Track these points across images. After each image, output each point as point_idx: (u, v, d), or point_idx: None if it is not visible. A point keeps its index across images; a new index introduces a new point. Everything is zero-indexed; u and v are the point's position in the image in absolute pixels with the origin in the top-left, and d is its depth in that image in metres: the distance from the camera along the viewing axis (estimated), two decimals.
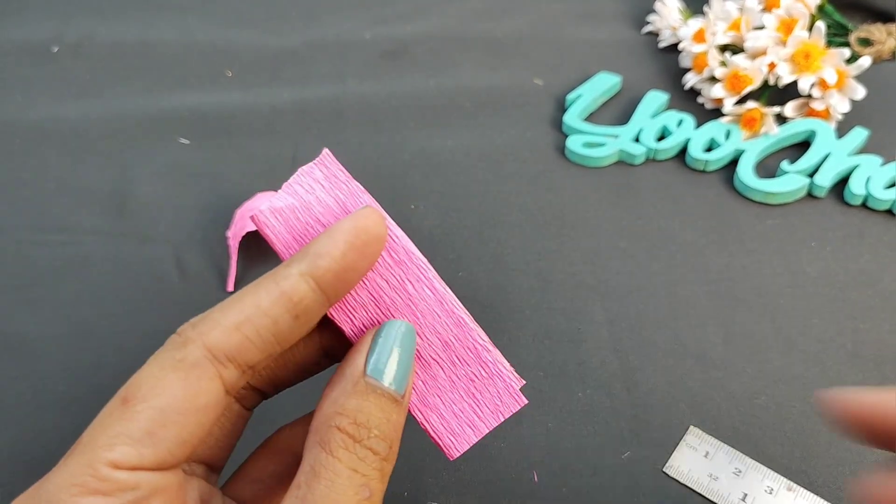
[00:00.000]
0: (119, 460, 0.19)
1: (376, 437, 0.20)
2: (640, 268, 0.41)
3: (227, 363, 0.20)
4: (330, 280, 0.21)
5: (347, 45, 0.57)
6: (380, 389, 0.21)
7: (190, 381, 0.20)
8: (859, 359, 0.36)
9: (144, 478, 0.19)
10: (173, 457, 0.20)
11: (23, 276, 0.41)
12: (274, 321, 0.20)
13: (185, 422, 0.19)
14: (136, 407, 0.20)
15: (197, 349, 0.20)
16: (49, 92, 0.53)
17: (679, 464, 0.33)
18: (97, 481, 0.19)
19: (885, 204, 0.43)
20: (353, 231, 0.21)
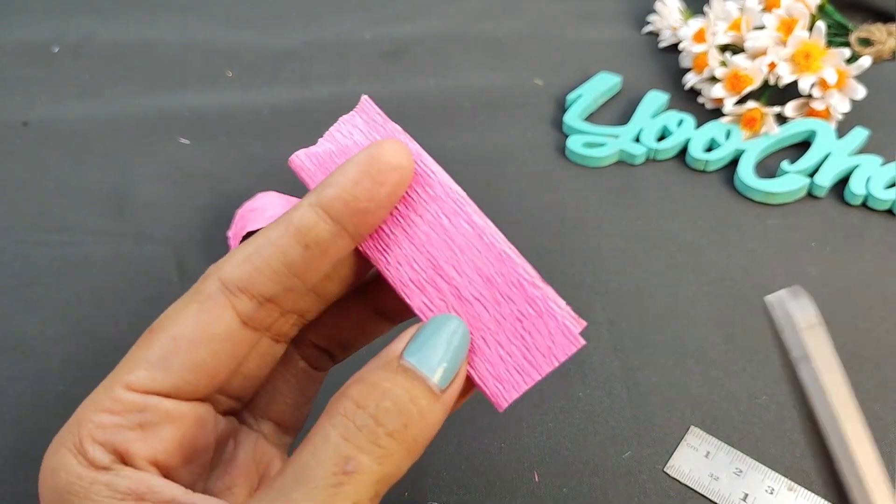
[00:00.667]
0: (133, 382, 0.20)
1: (386, 409, 0.18)
2: (640, 268, 0.41)
3: (239, 293, 0.21)
4: (340, 209, 0.21)
5: (347, 45, 0.57)
6: (413, 373, 0.19)
7: (203, 312, 0.21)
8: (859, 359, 0.36)
9: (154, 402, 0.20)
10: (186, 383, 0.20)
11: (23, 276, 0.41)
12: (283, 251, 0.21)
13: (196, 349, 0.20)
14: (156, 335, 0.21)
15: (212, 282, 0.21)
16: (49, 92, 0.53)
17: (680, 464, 0.33)
18: (111, 400, 0.20)
19: (885, 204, 0.43)
20: (366, 160, 0.21)
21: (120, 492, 0.19)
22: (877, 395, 0.35)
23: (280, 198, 0.43)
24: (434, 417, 0.19)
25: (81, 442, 0.19)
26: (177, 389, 0.20)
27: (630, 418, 0.35)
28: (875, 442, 0.33)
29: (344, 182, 0.21)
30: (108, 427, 0.19)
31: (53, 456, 0.19)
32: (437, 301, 0.22)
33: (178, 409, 0.20)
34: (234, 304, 0.21)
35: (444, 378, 0.20)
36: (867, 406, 0.34)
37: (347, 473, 0.17)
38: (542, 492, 0.32)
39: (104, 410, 0.20)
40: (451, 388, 0.20)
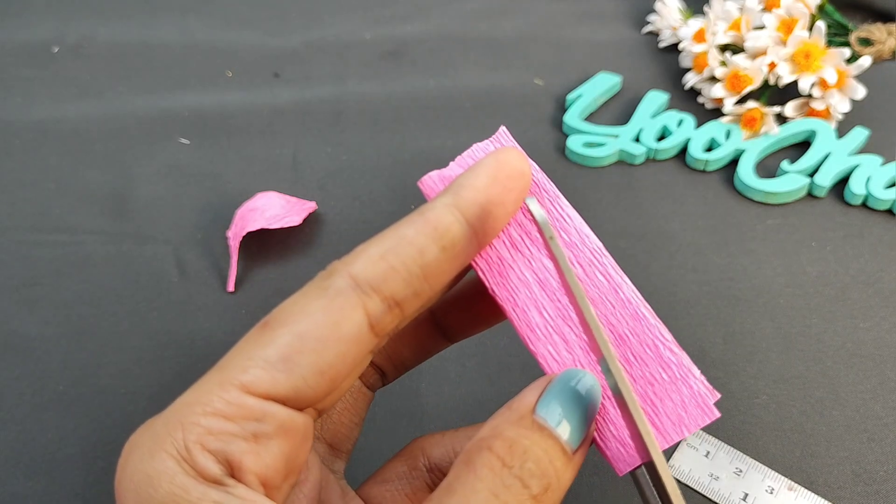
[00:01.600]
0: (251, 383, 0.18)
1: (530, 471, 0.18)
2: (640, 268, 0.41)
3: (372, 293, 0.19)
4: (475, 212, 0.20)
5: (347, 45, 0.57)
6: (548, 432, 0.18)
7: (332, 308, 0.19)
8: (858, 359, 0.36)
9: (272, 410, 0.18)
10: (309, 387, 0.18)
11: (23, 276, 0.41)
12: (419, 251, 0.19)
13: (323, 349, 0.18)
14: (275, 331, 0.18)
15: (341, 278, 0.19)
16: (49, 92, 0.53)
17: (680, 464, 0.33)
18: (225, 403, 0.18)
19: (885, 204, 0.43)
20: (494, 164, 0.20)
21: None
22: (877, 395, 0.35)
23: (280, 198, 0.43)
24: (567, 481, 0.19)
25: (189, 448, 0.17)
26: (297, 394, 0.18)
27: None
28: (875, 442, 0.34)
29: (478, 184, 0.20)
30: (221, 434, 0.17)
31: (149, 460, 0.17)
32: (564, 353, 0.21)
33: (293, 421, 0.19)
34: (366, 304, 0.19)
35: (575, 438, 0.19)
36: (867, 406, 0.34)
37: None
38: None
39: (216, 414, 0.17)
40: (581, 449, 0.19)
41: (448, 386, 0.36)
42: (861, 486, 0.32)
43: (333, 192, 0.45)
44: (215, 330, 0.39)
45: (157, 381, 0.37)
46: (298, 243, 0.43)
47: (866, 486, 0.32)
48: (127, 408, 0.36)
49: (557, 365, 0.21)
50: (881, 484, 0.32)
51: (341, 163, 0.47)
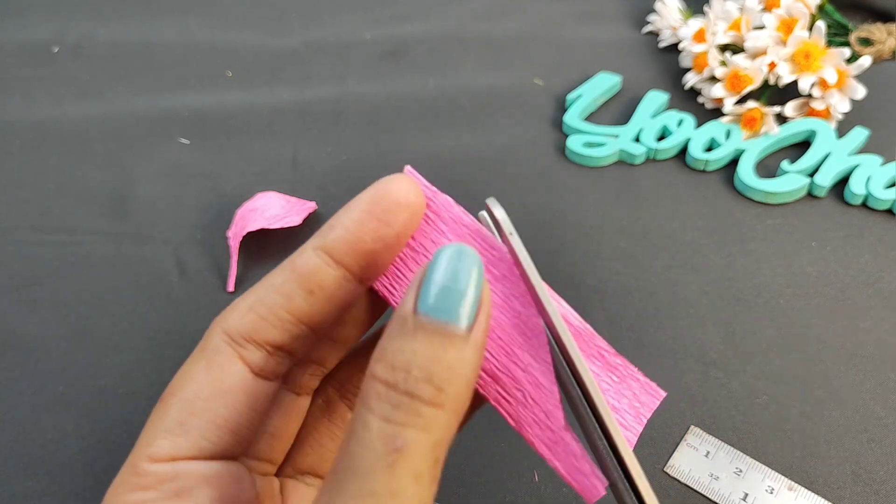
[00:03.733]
0: (155, 453, 0.19)
1: (416, 379, 0.17)
2: (640, 268, 0.41)
3: (246, 344, 0.20)
4: (344, 250, 0.20)
5: (347, 45, 0.57)
6: (430, 325, 0.17)
7: (212, 368, 0.20)
8: (859, 359, 0.36)
9: (184, 468, 0.19)
10: (210, 442, 0.20)
11: (23, 276, 0.41)
12: (287, 297, 0.20)
13: (212, 406, 0.20)
14: (168, 402, 0.20)
15: (216, 335, 0.20)
16: (49, 92, 0.53)
17: (680, 463, 0.33)
18: (138, 477, 0.19)
19: (885, 204, 0.43)
20: (370, 199, 0.20)
21: None
22: (877, 395, 0.35)
23: (280, 198, 0.43)
24: (467, 365, 0.18)
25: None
26: (201, 451, 0.19)
27: None
28: (875, 442, 0.34)
29: (347, 223, 0.20)
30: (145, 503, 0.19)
31: None
32: (514, 391, 0.20)
33: (211, 469, 0.20)
34: (243, 356, 0.20)
35: (469, 316, 0.18)
36: (867, 406, 0.34)
37: (398, 451, 0.17)
38: (542, 492, 0.32)
39: (135, 489, 0.19)
40: (478, 322, 0.18)
41: None
42: (861, 486, 0.32)
43: (333, 192, 0.45)
44: None
45: (157, 381, 0.37)
46: (298, 243, 0.42)
47: (866, 486, 0.32)
48: (127, 408, 0.36)
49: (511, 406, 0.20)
50: (881, 484, 0.32)
51: (341, 163, 0.47)
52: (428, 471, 0.17)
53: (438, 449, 0.17)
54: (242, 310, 0.20)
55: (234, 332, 0.20)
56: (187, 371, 0.20)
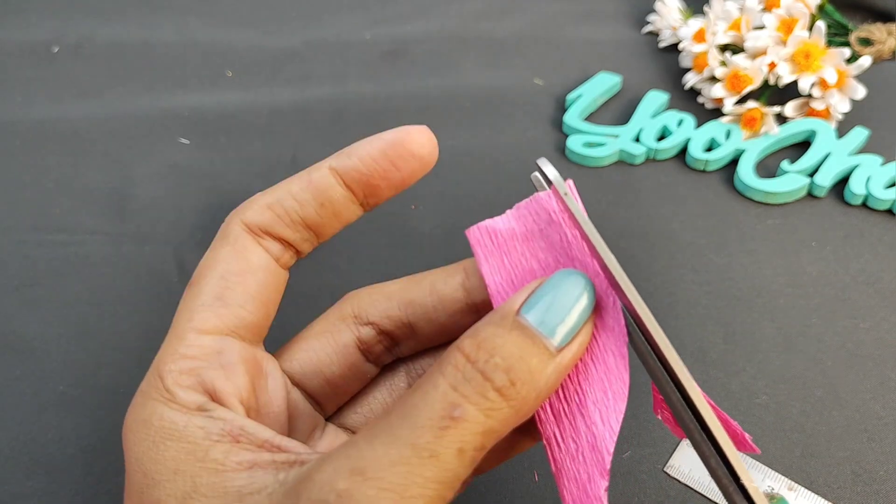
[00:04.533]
0: (201, 325, 0.21)
1: (495, 364, 0.18)
2: (640, 268, 0.41)
3: (263, 235, 0.22)
4: (355, 178, 0.22)
5: (347, 45, 0.57)
6: (529, 329, 0.19)
7: (237, 249, 0.22)
8: (859, 359, 0.36)
9: (228, 343, 0.21)
10: (249, 312, 0.21)
11: (23, 276, 0.41)
12: (301, 204, 0.22)
13: (245, 280, 0.21)
14: (200, 283, 0.22)
15: (236, 225, 0.22)
16: (49, 92, 0.53)
17: (680, 463, 0.33)
18: (187, 347, 0.20)
19: (885, 204, 0.43)
20: (390, 142, 0.22)
21: (215, 433, 0.19)
22: (877, 395, 0.35)
23: None
24: (544, 378, 0.18)
25: (170, 390, 0.19)
26: (243, 322, 0.21)
27: (630, 418, 0.35)
28: (875, 442, 0.34)
29: (363, 155, 0.22)
30: (192, 371, 0.20)
31: (141, 409, 0.20)
32: (570, 440, 0.20)
33: (248, 351, 0.21)
34: (261, 243, 0.22)
35: (564, 337, 0.19)
36: (868, 406, 0.34)
37: (455, 419, 0.17)
38: (542, 492, 0.32)
39: (183, 357, 0.20)
40: (570, 347, 0.19)
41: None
42: (861, 486, 0.32)
43: None
44: None
45: None
46: None
47: (866, 486, 0.32)
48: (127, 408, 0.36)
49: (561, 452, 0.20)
50: (881, 484, 0.32)
51: None
52: (471, 450, 0.17)
53: (488, 437, 0.18)
54: (261, 206, 0.22)
55: (252, 224, 0.22)
56: (213, 256, 0.22)
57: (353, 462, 0.17)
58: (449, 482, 0.17)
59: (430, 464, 0.17)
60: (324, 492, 0.17)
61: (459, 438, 0.17)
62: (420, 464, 0.17)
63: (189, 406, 0.19)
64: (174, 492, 0.18)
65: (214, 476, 0.18)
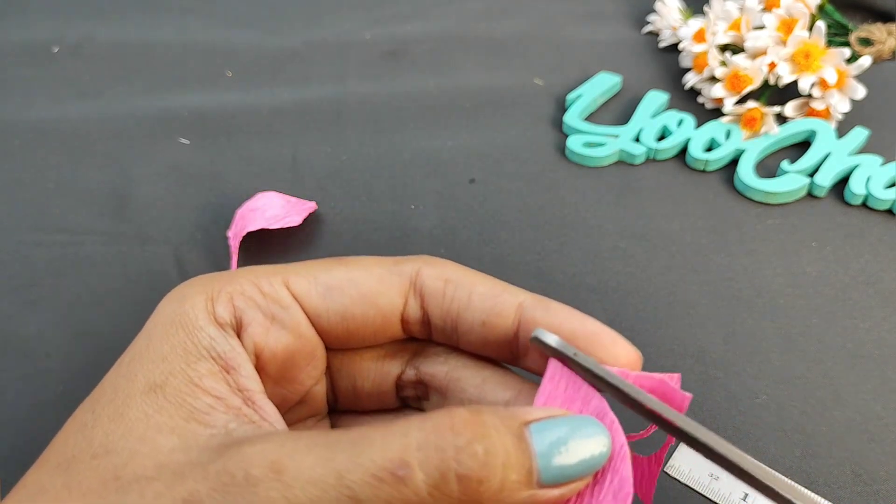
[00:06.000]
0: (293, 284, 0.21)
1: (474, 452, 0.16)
2: (640, 268, 0.41)
3: (419, 295, 0.22)
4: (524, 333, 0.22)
5: (347, 45, 0.57)
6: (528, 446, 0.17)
7: (385, 281, 0.22)
8: (859, 359, 0.36)
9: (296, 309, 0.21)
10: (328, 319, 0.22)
11: (23, 276, 0.41)
12: (469, 309, 0.22)
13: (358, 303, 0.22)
14: (341, 267, 0.22)
15: (413, 265, 0.23)
16: (49, 92, 0.53)
17: (680, 463, 0.33)
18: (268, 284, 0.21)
19: (885, 204, 0.43)
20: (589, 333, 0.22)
21: (216, 351, 0.20)
22: (878, 395, 0.35)
23: (280, 198, 0.43)
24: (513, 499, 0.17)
25: (219, 295, 0.20)
26: (318, 319, 0.21)
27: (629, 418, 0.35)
28: (876, 442, 0.34)
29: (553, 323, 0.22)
30: (248, 299, 0.20)
31: (188, 288, 0.21)
32: None
33: (308, 330, 0.21)
34: (409, 298, 0.22)
35: (553, 476, 0.18)
36: (868, 406, 0.34)
37: (397, 477, 0.16)
38: None
39: (256, 286, 0.21)
40: (553, 490, 0.18)
41: None
42: (861, 486, 0.32)
43: (333, 192, 0.45)
44: None
45: None
46: (298, 243, 0.43)
47: (866, 486, 0.32)
48: None
49: None
50: (881, 484, 0.32)
51: (341, 163, 0.47)
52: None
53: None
54: (442, 275, 0.22)
55: (424, 276, 0.22)
56: (370, 262, 0.22)
57: (281, 455, 0.17)
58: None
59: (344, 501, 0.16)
60: (238, 466, 0.17)
61: (388, 498, 0.16)
62: (335, 498, 0.16)
63: (216, 318, 0.20)
64: (151, 376, 0.19)
65: (186, 385, 0.19)
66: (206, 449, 0.18)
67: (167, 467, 0.18)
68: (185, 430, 0.18)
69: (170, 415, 0.18)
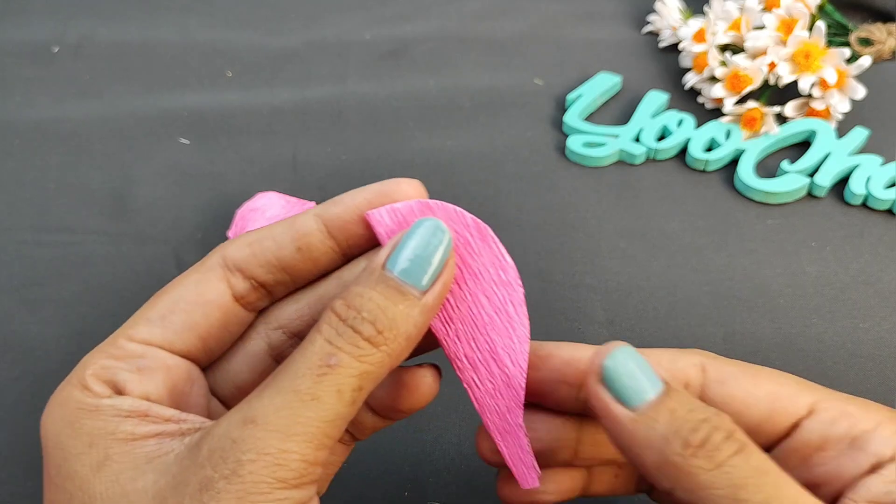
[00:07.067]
0: (133, 334, 0.22)
1: (362, 319, 0.20)
2: (640, 268, 0.41)
3: (235, 271, 0.23)
4: (337, 224, 0.23)
5: (347, 45, 0.57)
6: (391, 281, 0.21)
7: (202, 280, 0.23)
8: (859, 359, 0.36)
9: (152, 352, 0.22)
10: (180, 339, 0.23)
11: (23, 276, 0.41)
12: (278, 245, 0.23)
13: (191, 310, 0.23)
14: (159, 297, 0.23)
15: (215, 256, 0.23)
16: (49, 92, 0.53)
17: None
18: (115, 348, 0.22)
19: (885, 204, 0.43)
20: (377, 192, 0.23)
21: (124, 410, 0.21)
22: (877, 395, 0.35)
23: (280, 198, 0.43)
24: (412, 321, 0.21)
25: (85, 379, 0.21)
26: (170, 345, 0.22)
27: None
28: None
29: (350, 204, 0.23)
30: (110, 368, 0.22)
31: (59, 394, 0.22)
32: (486, 381, 0.23)
33: (175, 362, 0.23)
34: (229, 280, 0.23)
35: (421, 278, 0.21)
36: None
37: (331, 366, 0.20)
38: None
39: (107, 356, 0.22)
40: (433, 289, 0.21)
41: None
42: None
43: (333, 192, 0.45)
44: None
45: None
46: None
47: None
48: None
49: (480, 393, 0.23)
50: None
51: (341, 163, 0.47)
52: (350, 391, 0.20)
53: (365, 378, 0.20)
54: (241, 243, 0.23)
55: (229, 259, 0.23)
56: (182, 278, 0.23)
57: (244, 413, 0.20)
58: (331, 420, 0.20)
59: (312, 406, 0.19)
60: (222, 441, 0.19)
61: (337, 381, 0.20)
62: (302, 406, 0.19)
63: (98, 394, 0.21)
64: (89, 462, 0.20)
65: (125, 445, 0.20)
66: (182, 458, 0.20)
67: (166, 487, 0.19)
68: (153, 467, 0.20)
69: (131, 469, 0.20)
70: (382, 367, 0.21)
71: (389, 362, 0.21)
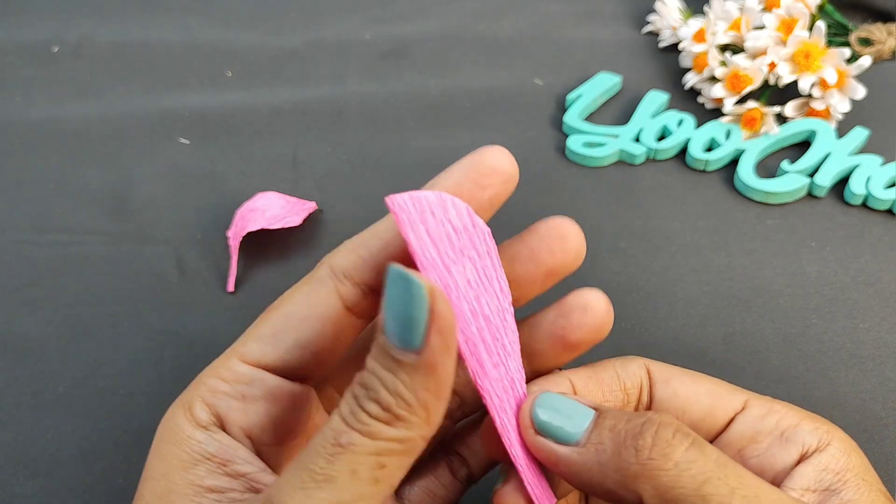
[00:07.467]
0: (246, 354, 0.22)
1: (368, 398, 0.19)
2: (640, 268, 0.41)
3: (344, 279, 0.23)
4: None
5: (347, 45, 0.57)
6: (389, 349, 0.19)
7: (312, 293, 0.23)
8: (859, 359, 0.36)
9: (261, 376, 0.22)
10: (293, 358, 0.22)
11: (23, 276, 0.41)
12: (385, 242, 0.23)
13: (303, 326, 0.22)
14: (270, 314, 0.23)
15: (324, 268, 0.23)
16: (49, 92, 0.53)
17: None
18: (225, 369, 0.22)
19: (885, 204, 0.43)
20: (469, 164, 0.23)
21: (208, 452, 0.21)
22: (877, 396, 0.35)
23: (280, 198, 0.43)
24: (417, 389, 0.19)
25: (192, 402, 0.22)
26: (284, 364, 0.22)
27: None
28: (875, 443, 0.34)
29: (446, 183, 0.23)
30: (216, 392, 0.22)
31: (171, 408, 0.22)
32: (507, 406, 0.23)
33: (281, 388, 0.22)
34: (340, 290, 0.23)
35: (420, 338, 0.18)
36: (867, 406, 0.34)
37: (342, 445, 0.19)
38: None
39: (218, 377, 0.22)
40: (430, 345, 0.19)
41: None
42: None
43: (333, 192, 0.45)
44: (215, 330, 0.39)
45: (157, 381, 0.37)
46: (298, 243, 0.43)
47: None
48: (127, 408, 0.36)
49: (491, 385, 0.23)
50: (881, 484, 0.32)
51: (341, 163, 0.47)
52: (367, 470, 0.19)
53: (388, 456, 0.19)
54: (346, 250, 0.23)
55: (336, 267, 0.23)
56: (292, 293, 0.23)
57: (267, 493, 0.19)
58: (348, 501, 0.19)
59: (326, 487, 0.19)
60: None
61: (350, 461, 0.19)
62: (316, 487, 0.19)
63: (199, 422, 0.21)
64: (156, 489, 0.21)
65: (189, 488, 0.21)
66: None
67: None
68: None
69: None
70: (409, 442, 0.19)
71: (419, 433, 0.19)
